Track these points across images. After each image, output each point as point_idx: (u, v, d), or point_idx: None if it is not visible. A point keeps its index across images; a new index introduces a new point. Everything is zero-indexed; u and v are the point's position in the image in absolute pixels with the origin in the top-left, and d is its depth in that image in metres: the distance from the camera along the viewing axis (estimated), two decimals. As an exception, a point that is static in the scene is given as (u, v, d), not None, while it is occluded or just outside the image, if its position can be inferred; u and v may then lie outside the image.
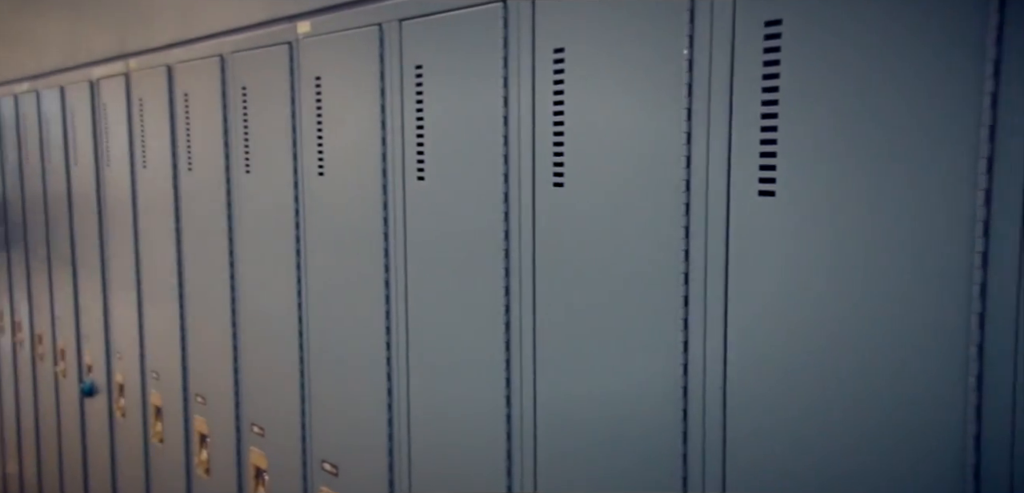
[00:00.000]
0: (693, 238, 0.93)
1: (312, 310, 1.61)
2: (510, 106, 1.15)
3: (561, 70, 1.07)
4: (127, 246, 2.28)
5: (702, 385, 0.93)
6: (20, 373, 3.24)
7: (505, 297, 1.18)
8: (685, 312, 0.94)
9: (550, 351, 1.13)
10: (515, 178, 1.15)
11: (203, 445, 2.01)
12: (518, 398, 1.18)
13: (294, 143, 1.60)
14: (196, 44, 1.89)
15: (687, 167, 0.92)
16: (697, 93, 0.91)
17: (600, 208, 1.03)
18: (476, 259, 1.22)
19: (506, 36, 1.14)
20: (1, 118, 3.17)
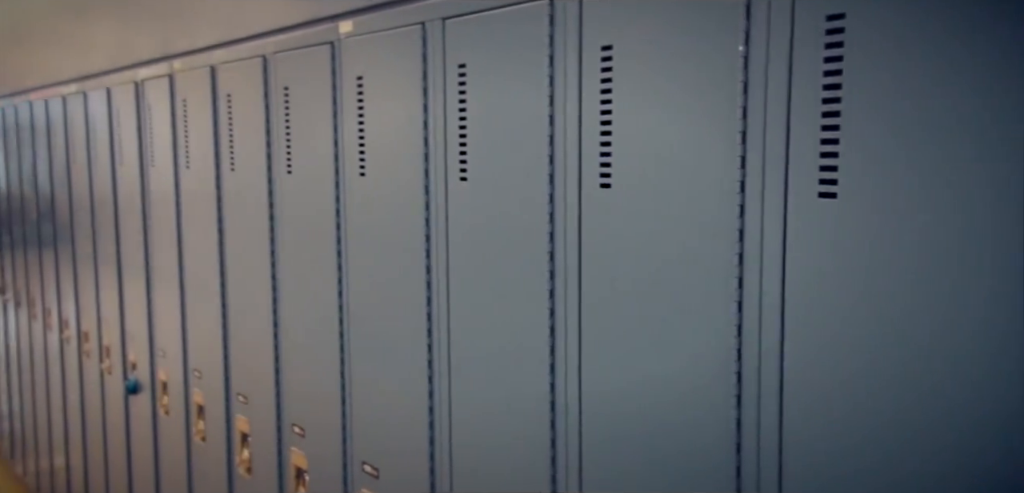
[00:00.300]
0: (748, 241, 0.90)
1: (353, 310, 1.60)
2: (556, 105, 1.13)
3: (609, 68, 1.04)
4: (170, 246, 2.30)
5: (756, 398, 0.90)
6: (67, 370, 3.31)
7: (550, 300, 1.16)
8: (739, 318, 0.90)
9: (596, 357, 1.10)
10: (560, 179, 1.13)
11: (245, 444, 2.02)
12: (562, 404, 1.16)
13: (336, 143, 1.59)
14: (239, 45, 1.90)
15: (742, 167, 0.89)
16: (753, 91, 0.87)
17: (649, 211, 1.00)
18: (520, 260, 1.20)
19: (552, 34, 1.12)
20: (49, 119, 3.23)
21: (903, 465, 0.77)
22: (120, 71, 2.57)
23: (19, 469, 4.26)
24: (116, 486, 2.90)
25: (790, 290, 0.85)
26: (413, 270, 1.42)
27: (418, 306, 1.42)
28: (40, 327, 3.60)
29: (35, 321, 3.68)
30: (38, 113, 3.36)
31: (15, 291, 3.96)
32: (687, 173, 0.95)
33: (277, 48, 1.75)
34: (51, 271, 3.38)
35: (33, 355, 3.77)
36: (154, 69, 2.33)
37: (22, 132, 3.62)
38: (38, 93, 3.37)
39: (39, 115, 3.35)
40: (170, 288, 2.33)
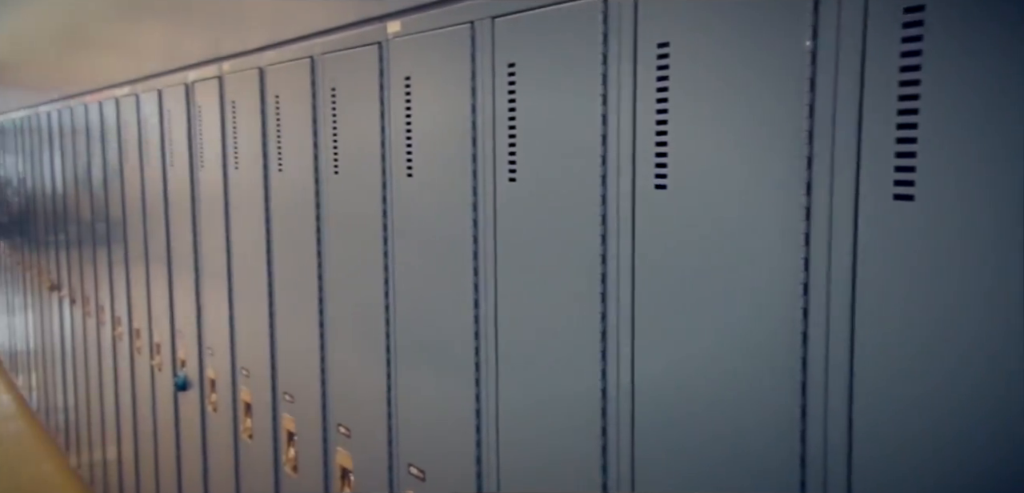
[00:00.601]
0: (814, 246, 0.85)
1: (399, 310, 1.58)
2: (608, 104, 1.09)
3: (665, 66, 1.00)
4: (219, 245, 2.31)
5: (823, 407, 0.85)
6: (119, 366, 3.36)
7: (602, 304, 1.12)
8: (805, 325, 0.86)
9: (648, 361, 1.06)
10: (613, 179, 1.09)
11: (291, 443, 2.01)
12: (614, 411, 1.12)
13: (383, 144, 1.57)
14: (287, 46, 1.89)
15: (809, 168, 0.84)
16: (821, 88, 0.83)
17: (708, 213, 0.96)
18: (570, 261, 1.17)
19: (605, 31, 1.08)
20: (103, 121, 3.28)
21: (979, 472, 0.72)
22: (171, 73, 2.59)
23: (73, 461, 4.35)
24: (165, 480, 2.93)
25: (861, 300, 0.80)
26: (460, 270, 1.39)
27: (465, 306, 1.39)
28: (94, 323, 3.67)
29: (89, 317, 3.75)
30: (93, 115, 3.42)
31: (70, 288, 4.04)
32: (748, 174, 0.91)
33: (325, 49, 1.74)
34: (104, 269, 3.44)
35: (87, 351, 3.84)
36: (204, 71, 2.34)
37: (78, 134, 3.69)
38: (93, 96, 3.43)
39: (94, 117, 3.41)
40: (218, 287, 2.34)
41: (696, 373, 0.99)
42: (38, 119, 4.45)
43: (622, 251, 1.08)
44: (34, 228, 4.81)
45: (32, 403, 5.37)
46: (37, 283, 4.82)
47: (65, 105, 3.89)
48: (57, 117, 4.05)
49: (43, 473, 4.55)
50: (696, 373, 0.99)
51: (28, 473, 4.60)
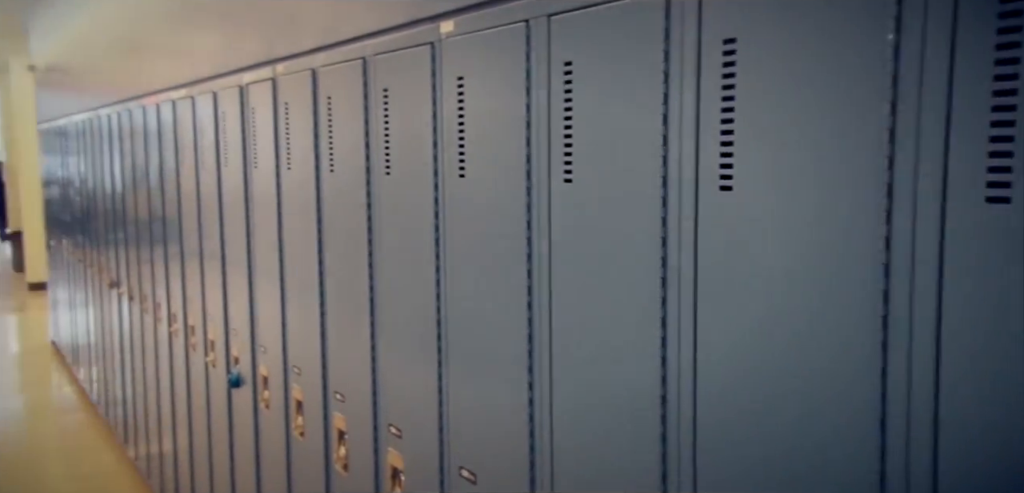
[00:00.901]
0: (895, 251, 0.79)
1: (450, 311, 1.55)
2: (670, 103, 1.04)
3: (731, 62, 0.95)
4: (271, 245, 2.32)
5: (906, 416, 0.80)
6: (174, 361, 3.40)
7: (662, 308, 1.07)
8: (884, 335, 0.80)
9: (712, 366, 1.01)
10: (674, 180, 1.04)
11: (342, 442, 2.00)
12: (675, 416, 1.07)
13: (435, 144, 1.55)
14: (339, 48, 1.88)
15: (890, 169, 0.79)
16: (904, 84, 0.77)
17: (779, 216, 0.91)
18: (630, 264, 1.12)
19: (667, 28, 1.03)
20: (160, 123, 3.33)
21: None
22: (225, 76, 2.61)
23: (131, 453, 4.44)
24: (219, 475, 2.96)
25: (948, 314, 0.75)
26: (513, 270, 1.36)
27: (518, 307, 1.35)
28: (151, 320, 3.73)
29: (146, 314, 3.81)
30: (150, 118, 3.47)
31: (128, 285, 4.12)
32: (823, 175, 0.85)
33: (377, 50, 1.72)
34: (161, 267, 3.49)
35: (144, 346, 3.90)
36: (257, 73, 2.35)
37: (136, 136, 3.75)
38: (151, 98, 3.48)
39: (151, 119, 3.46)
40: (271, 286, 2.35)
41: (755, 373, 0.94)
42: (99, 122, 4.55)
43: (683, 254, 1.04)
44: (95, 227, 4.92)
45: (92, 395, 5.49)
46: (98, 280, 4.93)
47: (124, 108, 3.96)
48: (116, 120, 4.13)
49: (103, 463, 4.65)
50: (755, 373, 0.94)
51: (89, 463, 4.71)
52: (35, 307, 9.10)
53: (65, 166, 5.91)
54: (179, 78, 3.10)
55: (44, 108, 6.88)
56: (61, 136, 5.91)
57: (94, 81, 4.81)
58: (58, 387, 6.36)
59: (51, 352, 7.20)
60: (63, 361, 6.71)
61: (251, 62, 2.39)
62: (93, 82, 4.84)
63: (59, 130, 5.97)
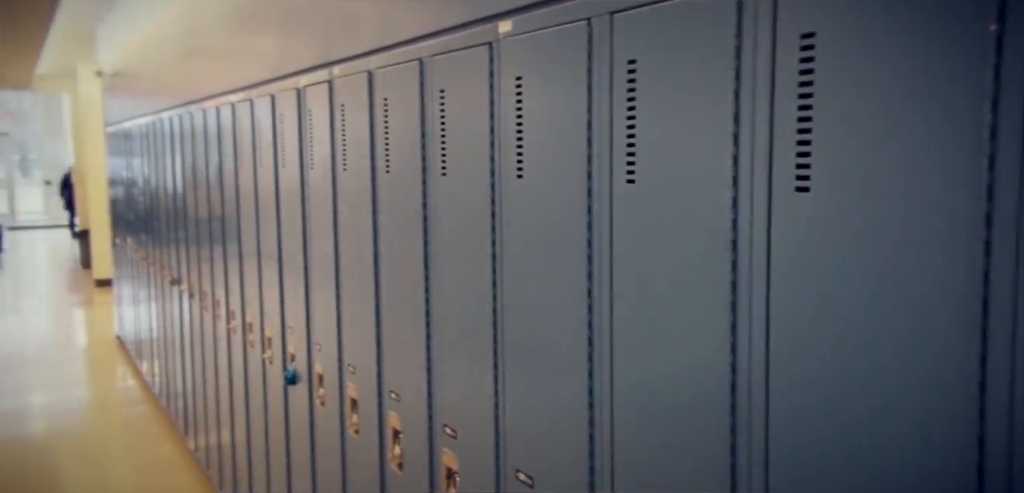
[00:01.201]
0: (996, 256, 0.73)
1: (507, 313, 1.52)
2: (741, 102, 0.99)
3: (809, 57, 0.89)
4: (327, 245, 2.31)
5: (1008, 436, 0.73)
6: (233, 357, 3.44)
7: (731, 313, 1.02)
8: (984, 347, 0.74)
9: (787, 372, 0.95)
10: (746, 181, 0.99)
11: (396, 441, 1.98)
12: (745, 419, 1.02)
13: (492, 145, 1.51)
14: (395, 49, 1.86)
15: (991, 170, 0.72)
16: (1007, 80, 0.71)
17: (860, 218, 0.85)
18: (696, 268, 1.07)
19: (739, 24, 0.98)
20: (220, 125, 3.37)
21: None
22: (283, 79, 2.62)
23: (191, 445, 4.51)
24: (276, 469, 2.97)
25: (1057, 317, 0.68)
26: (573, 272, 1.31)
27: (578, 308, 1.31)
28: (210, 317, 3.78)
29: (206, 311, 3.86)
30: (210, 120, 3.52)
31: (189, 283, 4.18)
32: (913, 176, 0.79)
33: (434, 51, 1.69)
34: (220, 265, 3.53)
35: (203, 341, 3.96)
36: (314, 76, 2.35)
37: (196, 138, 3.81)
38: (210, 101, 3.53)
39: (211, 122, 3.51)
40: (326, 285, 2.34)
41: (849, 391, 0.88)
42: (161, 124, 4.63)
43: (755, 258, 0.98)
44: (157, 226, 5.02)
45: (154, 388, 5.61)
46: (159, 277, 5.03)
47: (185, 111, 4.02)
48: (178, 122, 4.19)
49: (164, 454, 4.74)
50: (849, 391, 0.88)
51: (151, 453, 4.81)
52: (101, 303, 9.36)
53: (129, 167, 6.04)
54: (238, 81, 3.13)
55: (110, 112, 7.06)
56: (126, 138, 6.05)
57: (157, 85, 4.90)
58: (122, 379, 6.52)
59: (116, 346, 7.38)
60: (127, 355, 6.88)
61: (308, 65, 2.39)
62: (156, 86, 4.93)
63: (124, 133, 6.11)
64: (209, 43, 3.62)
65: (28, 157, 21.08)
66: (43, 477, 4.63)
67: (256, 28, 2.94)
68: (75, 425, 5.63)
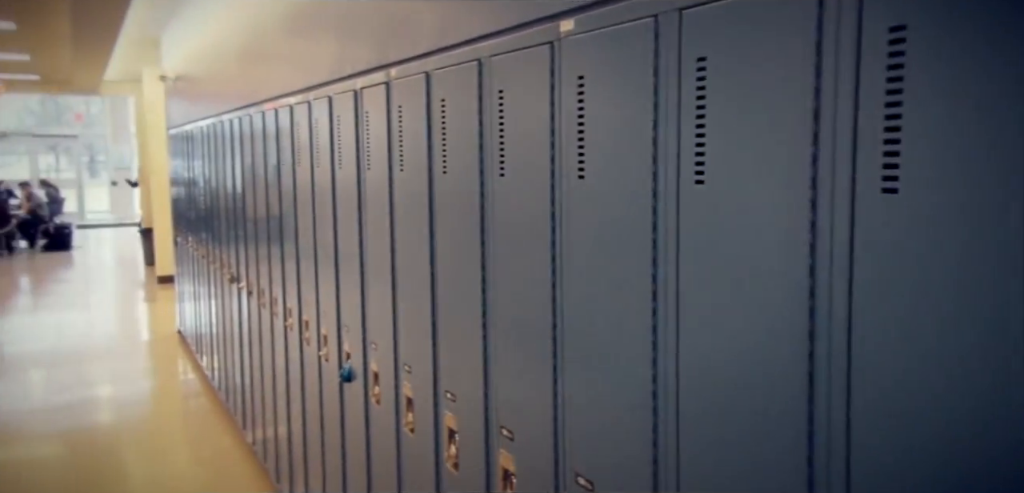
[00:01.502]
0: (1114, 263, 0.67)
1: (566, 314, 1.48)
2: (822, 98, 0.93)
3: (900, 52, 0.83)
4: (383, 245, 2.31)
5: None
6: (289, 354, 3.47)
7: (810, 320, 0.96)
8: (1100, 361, 0.68)
9: (869, 379, 0.90)
10: (826, 182, 0.93)
11: (452, 441, 1.96)
12: (825, 420, 0.96)
13: (553, 146, 1.48)
14: (454, 50, 1.84)
15: (1109, 169, 0.66)
16: None
17: (951, 222, 0.79)
18: (773, 270, 1.02)
19: (821, 17, 0.92)
20: (278, 127, 3.40)
21: None
22: (340, 81, 2.62)
23: (249, 438, 4.58)
24: (331, 464, 2.99)
25: None
26: (636, 273, 1.27)
27: (642, 311, 1.26)
28: (268, 314, 3.82)
29: (263, 308, 3.91)
30: (269, 122, 3.56)
31: (247, 281, 4.24)
32: (1014, 178, 0.73)
33: (493, 52, 1.66)
34: (277, 264, 3.57)
35: (261, 338, 4.01)
36: (371, 77, 2.34)
37: (255, 139, 3.86)
38: (269, 104, 3.57)
39: (269, 124, 3.55)
40: (382, 284, 2.34)
41: (920, 394, 0.82)
42: (221, 126, 4.71)
43: (836, 262, 0.93)
44: (216, 225, 5.11)
45: (214, 382, 5.72)
46: (219, 275, 5.12)
47: (244, 113, 4.08)
48: (237, 124, 4.26)
49: (223, 446, 4.82)
50: (920, 394, 0.82)
51: (210, 445, 4.90)
52: (164, 298, 9.60)
53: (190, 168, 6.17)
54: (296, 84, 3.16)
55: (173, 115, 7.23)
56: (187, 140, 6.18)
57: (217, 89, 4.99)
58: (183, 373, 6.67)
59: (177, 340, 7.56)
60: (188, 349, 7.03)
61: (365, 67, 2.39)
62: (217, 90, 5.02)
63: (186, 135, 6.25)
64: (268, 47, 3.67)
65: (96, 159, 21.79)
66: (110, 466, 4.75)
67: (314, 32, 2.95)
68: (139, 416, 5.77)
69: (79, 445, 5.06)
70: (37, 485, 4.46)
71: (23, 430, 5.37)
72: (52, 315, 9.40)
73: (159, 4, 6.53)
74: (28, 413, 5.71)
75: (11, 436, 5.27)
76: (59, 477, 4.60)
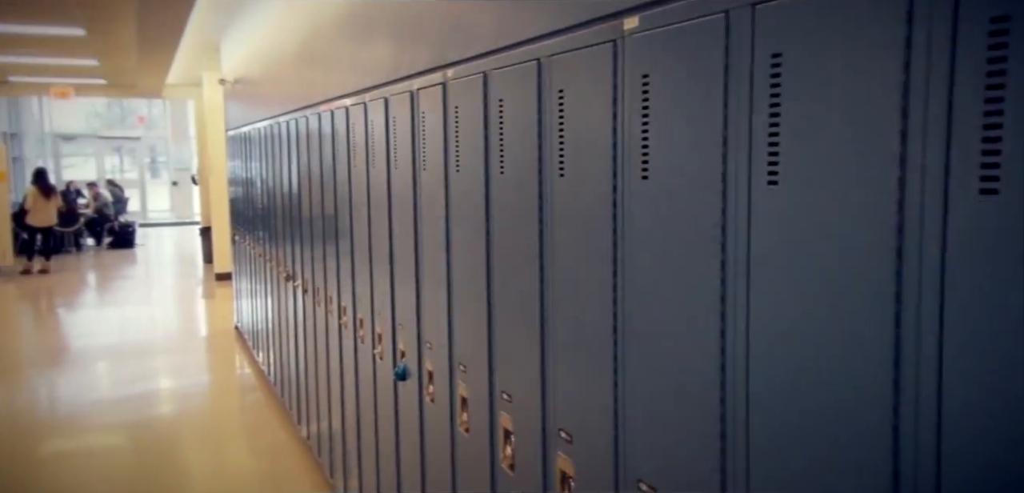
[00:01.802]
0: None
1: (627, 315, 1.44)
2: (911, 95, 0.88)
3: (1002, 45, 0.78)
4: (439, 244, 2.29)
5: None
6: (344, 351, 3.49)
7: (895, 327, 0.91)
8: None
9: (961, 373, 0.84)
10: (915, 183, 0.88)
11: (507, 442, 1.93)
12: (911, 423, 0.91)
13: (615, 146, 1.44)
14: (512, 50, 1.81)
15: None
16: None
17: (1064, 224, 0.73)
18: (852, 275, 0.96)
19: (911, 9, 0.87)
20: (334, 129, 3.43)
21: None
22: (396, 82, 2.62)
23: (303, 432, 4.63)
24: (385, 459, 2.99)
25: None
26: (704, 277, 1.22)
27: (710, 316, 1.22)
28: (322, 312, 3.86)
29: (318, 306, 3.95)
30: (325, 123, 3.58)
31: (303, 279, 4.29)
32: None
33: (553, 51, 1.63)
34: (332, 262, 3.59)
35: (316, 335, 4.05)
36: (428, 78, 2.33)
37: (311, 141, 3.90)
38: (325, 105, 3.60)
39: (325, 125, 3.57)
40: (438, 284, 2.32)
41: None
42: (278, 128, 4.78)
43: (926, 264, 0.87)
44: (273, 224, 5.19)
45: (269, 377, 5.81)
46: (275, 273, 5.19)
47: (301, 115, 4.13)
48: (294, 126, 4.31)
49: (278, 439, 4.89)
50: None
51: (266, 438, 4.97)
52: (222, 295, 9.82)
53: (248, 169, 6.28)
54: (352, 86, 3.17)
55: (231, 117, 7.38)
56: (245, 142, 6.29)
57: (274, 91, 5.07)
58: (240, 367, 6.79)
59: (234, 336, 7.71)
60: (244, 344, 7.16)
61: (422, 68, 2.38)
62: (274, 92, 5.10)
63: (243, 136, 6.36)
64: (324, 50, 3.70)
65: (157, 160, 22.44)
66: (170, 456, 4.86)
67: (371, 34, 2.96)
68: (198, 408, 5.90)
69: (142, 435, 5.19)
70: (103, 472, 4.59)
71: (90, 420, 5.54)
72: (117, 310, 9.69)
73: (219, 10, 6.67)
74: (95, 404, 5.88)
75: (80, 426, 5.44)
76: (123, 465, 4.72)
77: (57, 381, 6.56)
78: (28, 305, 10.12)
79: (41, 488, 4.40)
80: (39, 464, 4.79)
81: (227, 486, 4.39)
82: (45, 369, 6.93)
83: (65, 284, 11.26)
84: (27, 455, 4.88)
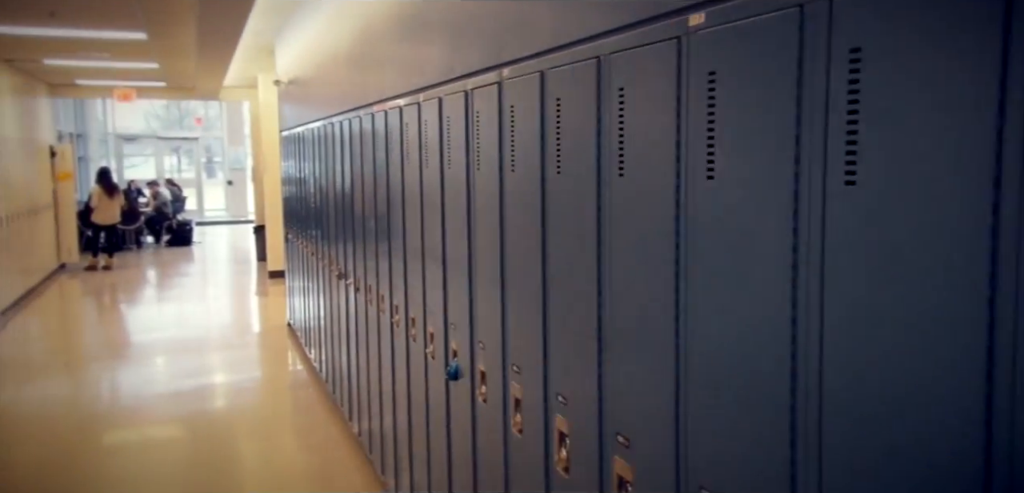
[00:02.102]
0: None
1: (689, 320, 1.40)
2: (1009, 90, 0.82)
3: (1114, 35, 0.72)
4: (492, 244, 2.28)
5: None
6: (396, 350, 3.51)
7: (989, 336, 0.85)
8: None
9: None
10: (1013, 180, 0.83)
11: (562, 444, 1.91)
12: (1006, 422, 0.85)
13: (678, 145, 1.40)
14: (571, 48, 1.78)
15: None
16: None
17: None
18: (937, 276, 0.91)
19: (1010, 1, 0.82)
20: (388, 129, 3.44)
21: None
22: (450, 82, 2.62)
23: (355, 428, 4.68)
24: (436, 460, 2.99)
25: None
26: (773, 279, 1.18)
27: (780, 319, 1.17)
28: (374, 311, 3.88)
29: (370, 305, 3.98)
30: (378, 124, 3.61)
31: (355, 277, 4.33)
32: None
33: (613, 49, 1.60)
34: (385, 262, 3.61)
35: (368, 333, 4.08)
36: (482, 78, 2.32)
37: (364, 141, 3.93)
38: (378, 106, 3.62)
39: (379, 125, 3.60)
40: (491, 284, 2.31)
41: None
42: (331, 128, 4.83)
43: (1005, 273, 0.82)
44: (325, 223, 5.25)
45: (321, 374, 5.88)
46: (327, 271, 5.26)
47: (354, 115, 4.16)
48: (347, 126, 4.35)
49: (330, 436, 4.95)
50: None
51: (319, 434, 5.03)
52: (275, 293, 10.00)
53: (301, 169, 6.38)
54: (405, 86, 3.18)
55: (285, 118, 7.50)
56: (298, 142, 6.39)
57: (328, 92, 5.13)
58: (293, 364, 6.90)
59: (287, 332, 7.84)
60: (297, 341, 7.27)
61: (476, 68, 2.37)
62: (327, 93, 5.16)
63: (297, 137, 6.46)
64: (377, 51, 3.72)
65: (213, 160, 23.01)
66: (225, 450, 4.96)
67: (424, 34, 2.96)
68: (252, 403, 6.01)
69: (198, 427, 5.31)
70: (161, 462, 4.71)
71: (150, 412, 5.69)
72: (174, 306, 9.95)
73: (274, 13, 6.78)
74: (154, 397, 6.04)
75: (139, 418, 5.59)
76: (181, 456, 4.83)
77: (120, 374, 6.76)
78: (92, 300, 10.46)
79: (105, 475, 4.53)
80: (104, 453, 4.94)
81: (279, 479, 4.45)
82: (109, 362, 7.15)
83: (127, 280, 11.62)
84: (93, 443, 5.03)
